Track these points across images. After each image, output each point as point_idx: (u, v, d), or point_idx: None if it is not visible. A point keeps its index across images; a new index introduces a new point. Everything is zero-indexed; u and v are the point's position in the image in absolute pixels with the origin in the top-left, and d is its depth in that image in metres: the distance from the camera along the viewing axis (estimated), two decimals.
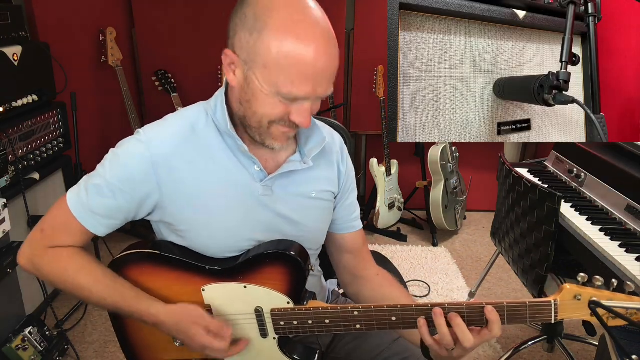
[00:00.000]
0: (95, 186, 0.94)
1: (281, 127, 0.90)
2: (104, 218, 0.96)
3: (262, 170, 0.98)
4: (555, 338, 1.90)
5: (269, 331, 0.99)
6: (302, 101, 0.87)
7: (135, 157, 0.93)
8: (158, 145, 0.93)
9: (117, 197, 0.93)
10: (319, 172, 1.05)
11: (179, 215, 0.96)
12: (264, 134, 0.92)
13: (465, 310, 0.87)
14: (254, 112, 0.89)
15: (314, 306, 0.95)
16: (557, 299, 0.86)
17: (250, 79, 0.86)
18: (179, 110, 1.01)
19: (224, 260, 0.99)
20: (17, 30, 1.96)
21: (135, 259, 1.00)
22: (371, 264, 1.16)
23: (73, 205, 0.95)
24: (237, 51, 0.86)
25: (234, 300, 0.98)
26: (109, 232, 0.98)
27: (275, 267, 0.96)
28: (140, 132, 0.95)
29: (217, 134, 0.96)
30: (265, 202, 0.99)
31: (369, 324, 0.93)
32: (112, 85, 2.65)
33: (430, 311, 0.88)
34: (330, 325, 0.94)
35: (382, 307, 0.91)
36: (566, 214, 1.54)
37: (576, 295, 0.85)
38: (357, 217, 1.15)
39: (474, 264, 2.79)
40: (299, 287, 0.97)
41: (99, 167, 0.96)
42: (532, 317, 0.88)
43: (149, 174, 0.93)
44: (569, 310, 0.86)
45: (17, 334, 1.66)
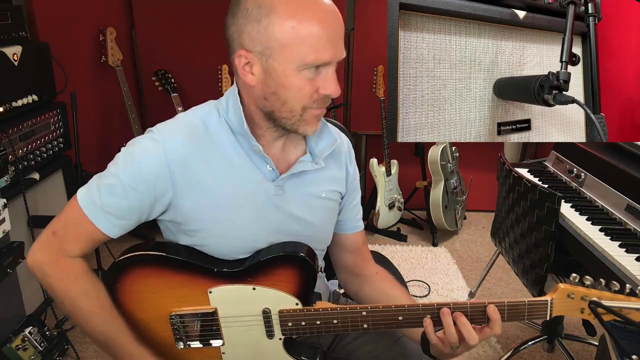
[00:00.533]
0: (107, 185, 0.93)
1: (313, 110, 0.92)
2: (117, 218, 0.94)
3: (274, 170, 0.99)
4: (555, 338, 1.91)
5: (275, 332, 0.99)
6: (325, 69, 0.89)
7: (150, 156, 0.91)
8: (172, 144, 0.92)
9: (130, 196, 0.92)
10: (328, 172, 1.06)
11: (191, 215, 0.96)
12: (296, 122, 0.93)
13: (469, 310, 0.90)
14: (283, 101, 0.90)
15: (322, 307, 0.96)
16: (552, 297, 0.92)
17: (271, 68, 0.87)
18: (191, 109, 1.01)
19: (232, 262, 0.99)
20: (17, 30, 1.96)
21: (139, 262, 0.98)
22: (371, 263, 1.18)
23: (85, 205, 0.93)
24: (250, 47, 0.87)
25: (241, 301, 0.98)
26: (122, 234, 0.97)
27: (285, 268, 0.97)
28: (154, 131, 0.94)
29: (229, 133, 0.96)
30: (277, 202, 1.00)
31: (376, 324, 0.95)
32: (112, 85, 2.65)
33: (435, 311, 0.91)
34: (338, 325, 0.96)
35: (389, 307, 0.93)
36: (566, 214, 1.54)
37: (569, 294, 0.91)
38: (361, 218, 1.17)
39: (474, 264, 2.79)
40: (308, 288, 0.98)
41: (111, 166, 0.94)
42: (529, 314, 0.93)
43: (163, 173, 0.92)
44: (562, 307, 0.92)
45: (17, 334, 1.66)
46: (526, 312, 0.92)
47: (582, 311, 0.92)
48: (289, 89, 0.88)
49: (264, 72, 0.88)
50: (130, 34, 2.97)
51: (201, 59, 2.91)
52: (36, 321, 1.75)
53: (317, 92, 0.89)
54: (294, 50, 0.84)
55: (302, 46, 0.84)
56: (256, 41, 0.86)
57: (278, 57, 0.86)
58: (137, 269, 0.98)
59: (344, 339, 1.17)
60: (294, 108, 0.90)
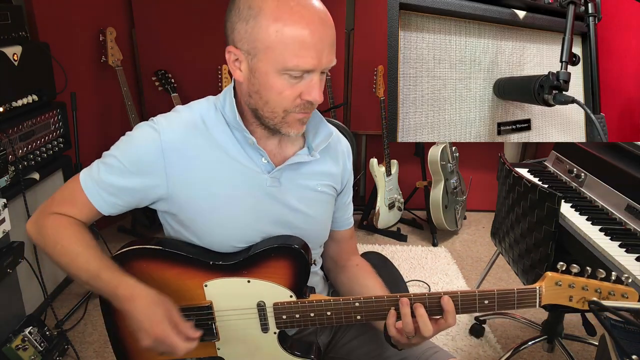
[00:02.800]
0: (106, 164, 0.98)
1: (296, 113, 0.93)
2: (109, 195, 0.98)
3: (270, 162, 1.01)
4: (555, 338, 1.90)
5: (270, 325, 1.00)
6: (310, 75, 0.89)
7: (147, 142, 0.96)
8: (169, 133, 0.96)
9: (125, 177, 0.96)
10: (324, 167, 1.08)
11: (186, 204, 0.98)
12: (278, 123, 0.94)
13: (427, 301, 0.93)
14: (265, 101, 0.92)
15: (316, 299, 0.97)
16: (542, 285, 0.93)
17: (255, 67, 0.89)
18: (190, 103, 1.04)
19: (227, 256, 1.01)
20: (17, 30, 1.96)
21: (137, 255, 1.00)
22: (354, 256, 1.22)
23: (83, 178, 0.99)
24: (239, 45, 0.89)
25: (236, 295, 0.99)
26: (112, 212, 1.01)
27: (280, 261, 0.98)
28: (154, 120, 0.99)
29: (225, 127, 0.99)
30: (273, 193, 1.01)
31: (369, 315, 0.96)
32: (112, 85, 2.65)
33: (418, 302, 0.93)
34: (331, 317, 0.97)
35: (382, 297, 0.95)
36: (566, 214, 1.54)
37: (557, 282, 0.93)
38: (351, 215, 1.21)
39: (474, 264, 2.79)
40: (302, 280, 0.99)
41: (113, 148, 1.00)
42: (519, 302, 0.94)
43: (158, 161, 0.96)
44: (551, 296, 0.94)
45: (17, 334, 1.66)
46: (515, 301, 0.94)
47: (571, 299, 0.94)
48: (270, 90, 0.90)
49: (250, 71, 0.90)
50: (130, 34, 2.97)
51: (201, 59, 2.91)
52: (36, 321, 1.75)
53: (300, 97, 0.90)
54: (277, 53, 0.85)
55: (285, 51, 0.85)
56: (244, 40, 0.88)
57: (262, 58, 0.87)
58: (134, 263, 1.00)
59: (342, 338, 1.18)
60: (275, 109, 0.92)
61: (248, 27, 0.87)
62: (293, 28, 0.84)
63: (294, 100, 0.90)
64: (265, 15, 0.85)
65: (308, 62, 0.86)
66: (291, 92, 0.89)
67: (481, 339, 2.13)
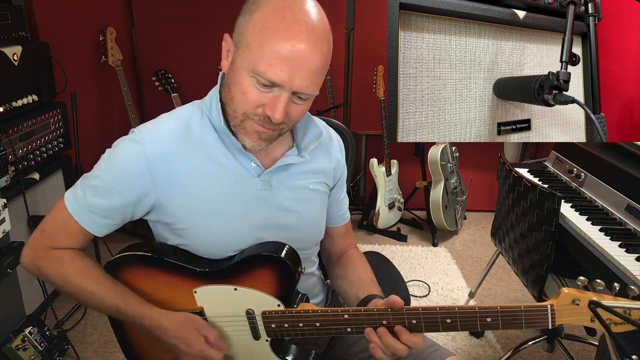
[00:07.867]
0: (91, 187, 0.95)
1: (254, 123, 0.90)
2: (102, 218, 0.96)
3: (259, 165, 0.99)
4: (555, 338, 1.91)
5: (261, 333, 0.98)
6: (279, 91, 0.86)
7: (131, 157, 0.93)
8: (153, 144, 0.94)
9: (113, 197, 0.94)
10: (315, 164, 1.06)
11: (177, 214, 0.96)
12: (237, 126, 0.93)
13: (391, 318, 0.89)
14: (231, 97, 0.91)
15: (304, 309, 0.94)
16: (553, 303, 0.83)
17: (234, 60, 0.89)
18: (174, 109, 1.02)
19: (215, 262, 0.99)
20: (17, 30, 1.96)
21: (129, 262, 1.00)
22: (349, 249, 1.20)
23: (71, 205, 0.96)
24: (233, 35, 0.90)
25: (225, 302, 0.97)
26: (108, 232, 0.99)
27: (265, 269, 0.96)
28: (135, 132, 0.96)
29: (212, 132, 0.97)
30: (265, 197, 1.00)
31: (359, 328, 0.92)
32: (112, 85, 2.65)
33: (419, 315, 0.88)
34: (320, 328, 0.94)
35: (372, 310, 0.90)
36: (566, 214, 1.54)
37: (574, 300, 0.81)
38: (347, 210, 1.20)
39: (474, 264, 2.79)
40: (288, 289, 0.97)
41: (96, 167, 0.97)
42: (527, 322, 0.85)
43: (144, 174, 0.93)
44: (567, 315, 0.83)
45: (17, 334, 1.66)
46: (523, 320, 0.84)
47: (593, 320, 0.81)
48: (237, 86, 0.89)
49: (231, 62, 0.90)
50: (130, 34, 2.97)
51: (201, 59, 2.91)
52: (36, 321, 1.75)
53: (262, 107, 0.88)
54: (253, 53, 0.85)
55: (260, 54, 0.83)
56: (237, 31, 0.89)
57: (241, 53, 0.87)
58: (127, 270, 1.00)
59: (342, 338, 1.17)
60: (237, 109, 0.90)
61: (243, 21, 0.87)
62: (276, 36, 0.82)
63: (255, 107, 0.88)
64: (259, 14, 0.85)
65: (277, 74, 0.83)
66: (255, 97, 0.87)
67: (481, 339, 2.13)
